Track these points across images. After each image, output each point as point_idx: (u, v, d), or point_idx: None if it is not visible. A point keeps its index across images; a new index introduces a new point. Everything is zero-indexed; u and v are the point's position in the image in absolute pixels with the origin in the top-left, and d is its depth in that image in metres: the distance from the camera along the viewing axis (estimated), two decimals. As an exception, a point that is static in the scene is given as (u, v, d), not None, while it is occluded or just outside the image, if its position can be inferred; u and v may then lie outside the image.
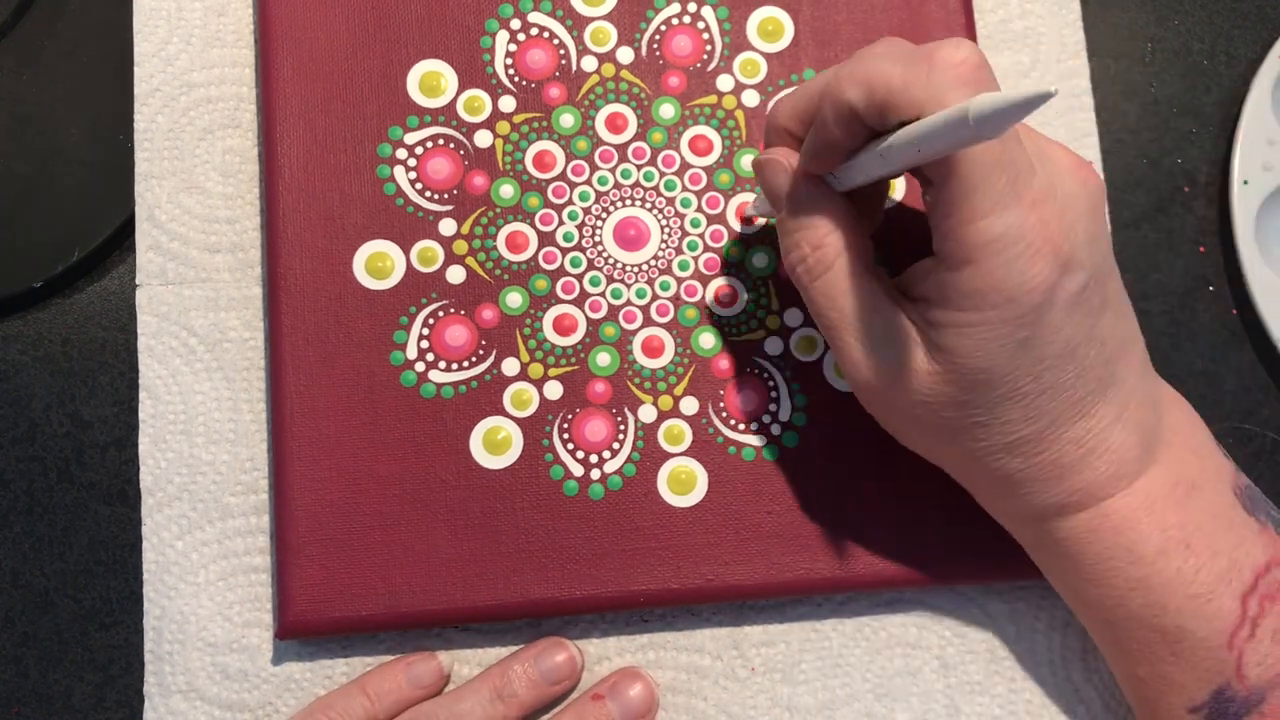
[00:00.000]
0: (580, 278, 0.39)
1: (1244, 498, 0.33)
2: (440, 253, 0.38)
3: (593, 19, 0.40)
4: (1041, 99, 0.23)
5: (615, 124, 0.39)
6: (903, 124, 0.28)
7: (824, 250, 0.31)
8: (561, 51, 0.40)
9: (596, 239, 0.39)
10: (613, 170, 0.39)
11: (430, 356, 0.38)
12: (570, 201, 0.39)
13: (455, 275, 0.38)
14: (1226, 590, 0.31)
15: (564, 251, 0.39)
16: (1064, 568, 0.33)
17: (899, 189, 0.39)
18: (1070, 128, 0.41)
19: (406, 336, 0.38)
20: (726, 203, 0.39)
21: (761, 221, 0.39)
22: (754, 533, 0.37)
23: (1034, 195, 0.28)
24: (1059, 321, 0.29)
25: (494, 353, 0.38)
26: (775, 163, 0.32)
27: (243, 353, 0.39)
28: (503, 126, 0.39)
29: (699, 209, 0.39)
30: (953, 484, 0.38)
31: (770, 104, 0.38)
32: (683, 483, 0.38)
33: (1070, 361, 0.30)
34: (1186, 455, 0.33)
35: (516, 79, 0.39)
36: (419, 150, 0.39)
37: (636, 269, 0.39)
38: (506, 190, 0.39)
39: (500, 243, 0.39)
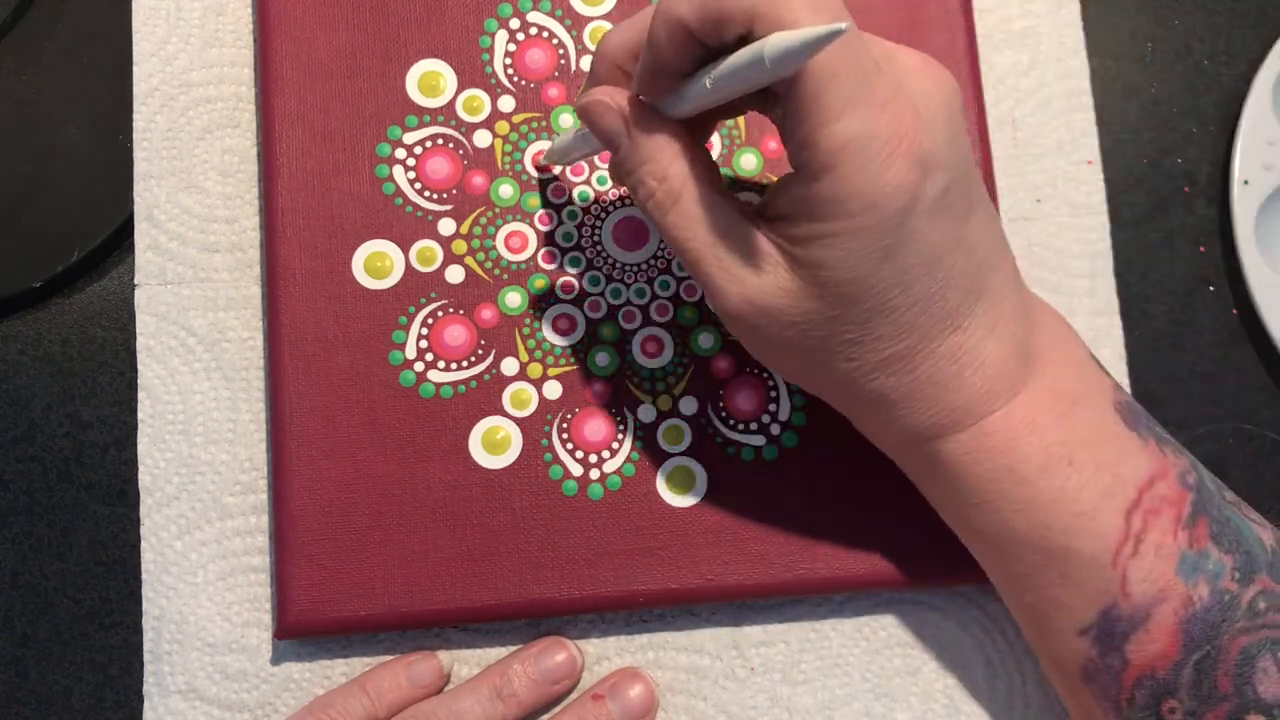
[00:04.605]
0: (579, 277, 0.39)
1: (1124, 413, 0.33)
2: (439, 252, 0.38)
3: (592, 19, 0.40)
4: (832, 35, 0.24)
5: (614, 124, 0.39)
6: (742, 39, 0.27)
7: (670, 181, 0.30)
8: (561, 51, 0.40)
9: (595, 239, 0.39)
10: (612, 170, 0.39)
11: (429, 356, 0.38)
12: (569, 201, 0.39)
13: (454, 275, 0.38)
14: (1110, 506, 0.31)
15: (563, 251, 0.39)
16: (947, 492, 0.33)
17: None
18: (1070, 128, 0.41)
19: (405, 336, 0.38)
20: (726, 202, 0.39)
21: (557, 169, 0.39)
22: (753, 533, 0.37)
23: (883, 95, 0.28)
24: (924, 227, 0.29)
25: (493, 352, 0.38)
26: (601, 104, 0.31)
27: (241, 352, 0.39)
28: (502, 126, 0.39)
29: (698, 209, 0.39)
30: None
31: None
32: (682, 483, 0.38)
33: (938, 270, 0.30)
34: (1065, 370, 0.32)
35: (516, 79, 0.39)
36: (418, 150, 0.39)
37: (635, 269, 0.39)
38: (506, 190, 0.39)
39: (499, 242, 0.39)
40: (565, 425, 0.38)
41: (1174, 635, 0.31)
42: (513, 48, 0.40)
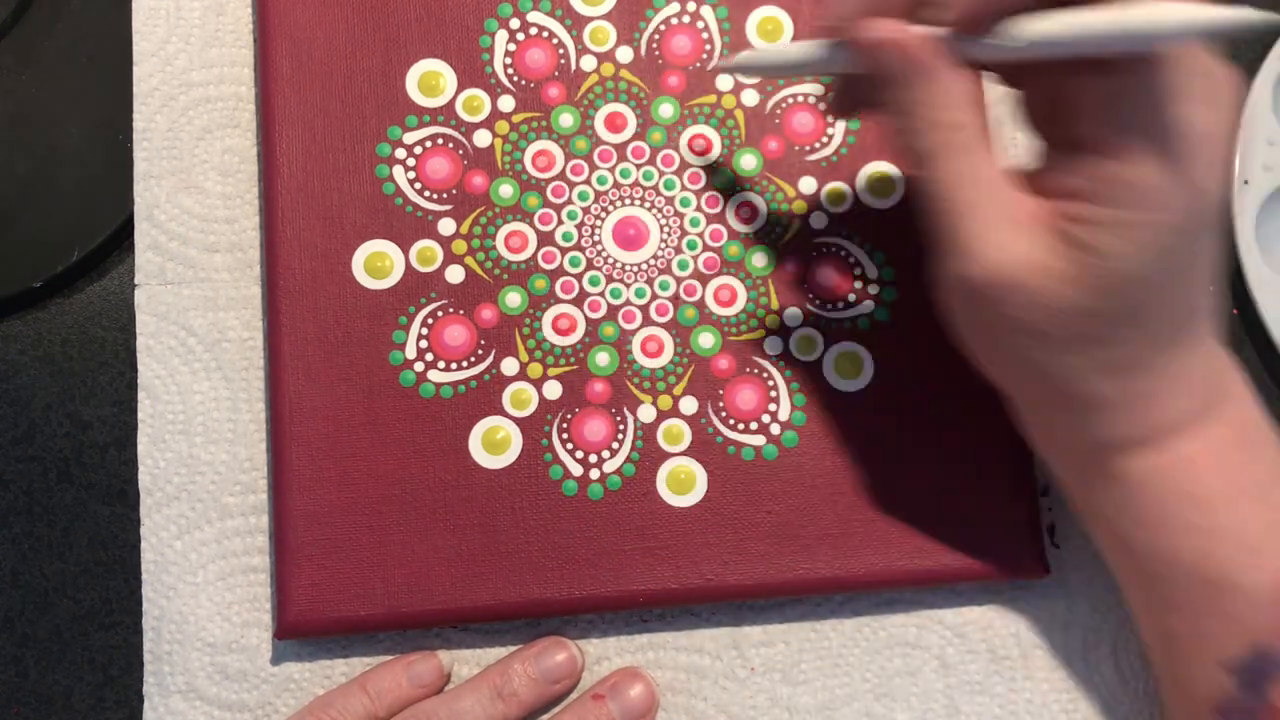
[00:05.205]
0: (579, 277, 0.39)
1: None
2: (439, 252, 0.38)
3: (592, 18, 0.40)
4: (1270, 28, 0.22)
5: (614, 123, 0.39)
6: None
7: (962, 132, 0.29)
8: (561, 51, 0.40)
9: (596, 238, 0.39)
10: (612, 170, 0.39)
11: (429, 356, 0.38)
12: (569, 201, 0.39)
13: (454, 275, 0.38)
14: (1277, 545, 0.31)
15: (563, 251, 0.39)
16: (1115, 508, 0.32)
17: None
18: (1070, 127, 0.41)
19: (405, 336, 0.38)
20: (726, 202, 0.39)
21: (727, 81, 0.38)
22: (753, 533, 0.37)
23: (1226, 98, 0.27)
24: (1206, 237, 0.28)
25: (493, 352, 0.38)
26: (906, 40, 0.28)
27: (241, 352, 0.39)
28: (502, 126, 0.39)
29: (698, 208, 0.39)
30: (953, 484, 0.37)
31: None
32: (682, 483, 0.38)
33: (1194, 284, 0.29)
34: (1247, 406, 0.32)
35: (516, 78, 0.39)
36: (418, 150, 0.39)
37: (636, 268, 0.39)
38: (506, 190, 0.39)
39: (499, 242, 0.39)
40: (565, 425, 0.38)
41: None
42: (513, 47, 0.40)
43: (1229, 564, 0.31)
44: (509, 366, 0.38)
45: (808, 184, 0.39)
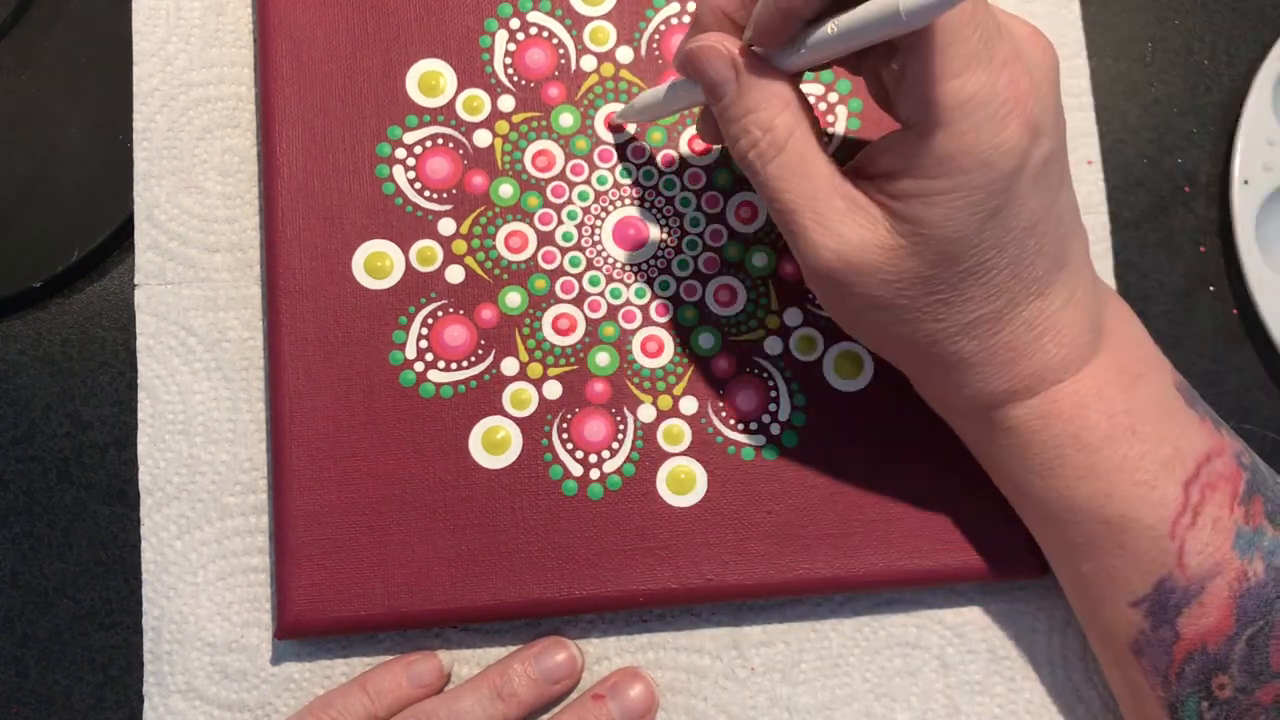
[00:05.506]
0: (579, 277, 0.39)
1: (1183, 391, 0.34)
2: (439, 252, 0.38)
3: (592, 18, 0.40)
4: None
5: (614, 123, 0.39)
6: None
7: (775, 131, 0.30)
8: (561, 51, 0.40)
9: (596, 238, 0.39)
10: (612, 170, 0.39)
11: (429, 356, 0.38)
12: (569, 201, 0.39)
13: (454, 275, 0.38)
14: (1170, 477, 0.32)
15: (563, 251, 0.39)
16: (1010, 460, 0.34)
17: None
18: (1070, 127, 0.41)
19: (405, 336, 0.38)
20: (726, 202, 0.39)
21: (632, 128, 0.39)
22: (753, 533, 0.37)
23: (1003, 56, 0.28)
24: (1026, 192, 0.29)
25: (493, 352, 0.38)
26: (712, 49, 0.31)
27: (241, 352, 0.39)
28: (502, 126, 0.39)
29: (698, 208, 0.39)
30: (953, 484, 0.38)
31: None
32: (682, 482, 0.38)
33: (1031, 237, 0.30)
34: (1129, 345, 0.33)
35: (516, 78, 0.39)
36: (418, 150, 0.39)
37: (636, 268, 0.39)
38: (506, 190, 0.39)
39: (499, 242, 0.39)
40: (565, 425, 0.38)
41: (1227, 609, 0.31)
42: (513, 47, 0.40)
43: (1124, 502, 0.32)
44: (509, 366, 0.38)
45: (808, 184, 0.39)
